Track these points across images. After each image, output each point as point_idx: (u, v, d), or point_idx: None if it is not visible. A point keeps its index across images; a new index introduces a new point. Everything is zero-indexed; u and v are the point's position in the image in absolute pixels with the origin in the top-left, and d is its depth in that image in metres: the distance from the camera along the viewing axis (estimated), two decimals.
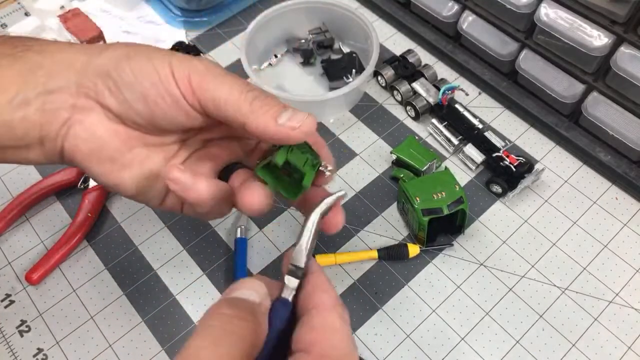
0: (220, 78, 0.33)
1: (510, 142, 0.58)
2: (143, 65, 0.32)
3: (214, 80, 0.33)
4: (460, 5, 0.60)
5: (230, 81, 0.33)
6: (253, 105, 0.32)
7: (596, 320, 0.48)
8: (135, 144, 0.35)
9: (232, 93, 0.32)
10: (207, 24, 0.69)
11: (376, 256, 0.50)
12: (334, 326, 0.27)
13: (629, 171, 0.53)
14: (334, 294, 0.29)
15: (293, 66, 0.65)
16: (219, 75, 0.33)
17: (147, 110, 0.33)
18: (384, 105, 0.62)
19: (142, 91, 0.32)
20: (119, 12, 0.71)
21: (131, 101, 0.33)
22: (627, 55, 0.48)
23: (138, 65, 0.32)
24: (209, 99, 0.33)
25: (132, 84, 0.32)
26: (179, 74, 0.32)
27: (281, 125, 0.32)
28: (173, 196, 0.38)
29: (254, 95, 0.33)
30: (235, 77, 0.34)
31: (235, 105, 0.32)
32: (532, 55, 0.55)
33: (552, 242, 0.52)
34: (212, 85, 0.32)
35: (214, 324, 0.26)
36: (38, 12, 0.67)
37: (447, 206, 0.48)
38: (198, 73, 0.32)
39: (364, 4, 0.70)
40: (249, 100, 0.32)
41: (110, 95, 0.33)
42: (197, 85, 0.32)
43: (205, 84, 0.32)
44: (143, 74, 0.32)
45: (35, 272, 0.50)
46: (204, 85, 0.32)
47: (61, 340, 0.48)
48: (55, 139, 0.33)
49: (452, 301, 0.49)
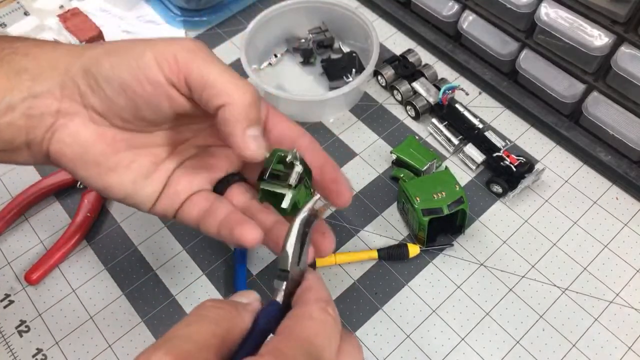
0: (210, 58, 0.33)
1: (510, 142, 0.58)
2: (121, 57, 0.32)
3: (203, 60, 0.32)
4: (461, 4, 0.59)
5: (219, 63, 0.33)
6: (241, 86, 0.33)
7: (596, 320, 0.48)
8: (121, 147, 0.35)
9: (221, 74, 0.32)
10: (207, 23, 0.69)
11: (376, 256, 0.50)
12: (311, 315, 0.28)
13: (630, 171, 0.53)
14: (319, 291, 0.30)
15: (293, 66, 0.65)
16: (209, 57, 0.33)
17: (129, 103, 0.33)
18: (384, 105, 0.61)
19: (120, 83, 0.32)
20: (118, 12, 0.71)
21: (112, 97, 0.33)
22: (628, 55, 0.47)
23: (116, 59, 0.32)
24: (196, 76, 0.32)
25: (110, 77, 0.32)
26: (163, 55, 0.32)
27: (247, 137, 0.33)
28: (165, 203, 0.37)
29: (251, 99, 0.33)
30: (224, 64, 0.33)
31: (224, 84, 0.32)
32: (533, 55, 0.55)
33: (552, 242, 0.52)
34: (201, 63, 0.32)
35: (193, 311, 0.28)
36: (37, 12, 0.67)
37: (447, 206, 0.48)
38: (186, 51, 0.32)
39: (364, 4, 0.70)
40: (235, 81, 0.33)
41: (92, 94, 0.33)
42: (184, 63, 0.32)
43: (193, 61, 0.32)
44: (121, 65, 0.32)
45: (34, 272, 0.50)
46: (190, 62, 0.32)
47: (60, 340, 0.48)
48: (41, 143, 0.34)
49: (453, 301, 0.49)
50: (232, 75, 0.33)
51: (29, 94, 0.32)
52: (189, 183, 0.38)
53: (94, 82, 0.32)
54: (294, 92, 0.62)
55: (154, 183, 0.37)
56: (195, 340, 0.26)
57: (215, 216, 0.36)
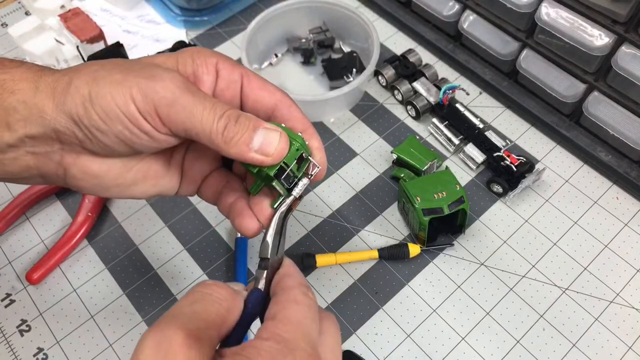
0: (188, 108, 0.32)
1: (511, 142, 0.58)
2: (108, 108, 0.31)
3: (182, 112, 0.32)
4: (461, 4, 0.60)
5: (200, 110, 0.32)
6: (225, 136, 0.32)
7: (597, 320, 0.48)
8: (132, 164, 0.36)
9: (203, 125, 0.32)
10: (208, 23, 0.69)
11: (377, 256, 0.50)
12: (295, 299, 0.31)
13: (630, 171, 0.53)
14: (298, 277, 0.33)
15: (293, 65, 0.65)
16: (187, 105, 0.32)
17: (127, 147, 0.33)
18: (385, 105, 0.61)
19: (116, 134, 0.32)
20: (119, 12, 0.71)
21: (110, 144, 0.33)
22: (628, 55, 0.47)
23: (103, 110, 0.31)
24: (180, 129, 0.32)
25: (104, 130, 0.32)
26: (144, 108, 0.31)
27: (255, 153, 0.32)
28: (186, 188, 0.39)
29: (224, 123, 0.32)
30: (204, 101, 0.32)
31: (207, 137, 0.32)
32: (533, 54, 0.55)
33: (552, 242, 0.52)
34: (180, 117, 0.32)
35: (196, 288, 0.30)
36: (38, 12, 0.67)
37: (447, 206, 0.48)
38: (164, 105, 0.31)
39: (365, 4, 0.70)
40: (220, 130, 0.32)
41: (90, 142, 0.33)
42: (166, 117, 0.32)
43: (174, 116, 0.32)
44: (111, 118, 0.32)
45: (35, 271, 0.50)
46: (172, 116, 0.32)
47: (61, 339, 0.48)
48: (56, 177, 0.34)
49: (453, 301, 0.49)
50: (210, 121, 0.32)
51: (25, 134, 0.32)
52: (200, 168, 0.39)
53: (89, 132, 0.32)
54: (295, 92, 0.62)
55: (172, 178, 0.38)
56: (203, 319, 0.28)
57: (225, 201, 0.37)
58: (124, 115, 0.31)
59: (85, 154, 0.34)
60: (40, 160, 0.33)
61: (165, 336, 0.26)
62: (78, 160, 0.34)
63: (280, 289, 0.32)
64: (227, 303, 0.30)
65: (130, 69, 0.32)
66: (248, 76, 0.37)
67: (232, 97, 0.36)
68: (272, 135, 0.33)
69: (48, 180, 0.35)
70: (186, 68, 0.35)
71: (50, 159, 0.33)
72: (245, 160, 0.33)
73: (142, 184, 0.37)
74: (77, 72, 0.33)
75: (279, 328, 0.28)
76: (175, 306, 0.29)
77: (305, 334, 0.29)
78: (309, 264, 0.50)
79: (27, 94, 0.32)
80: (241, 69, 0.37)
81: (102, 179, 0.35)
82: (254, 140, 0.32)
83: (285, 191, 0.35)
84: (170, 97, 0.31)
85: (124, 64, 0.33)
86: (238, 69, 0.36)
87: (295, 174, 0.35)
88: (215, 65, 0.36)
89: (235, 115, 0.33)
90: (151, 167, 0.37)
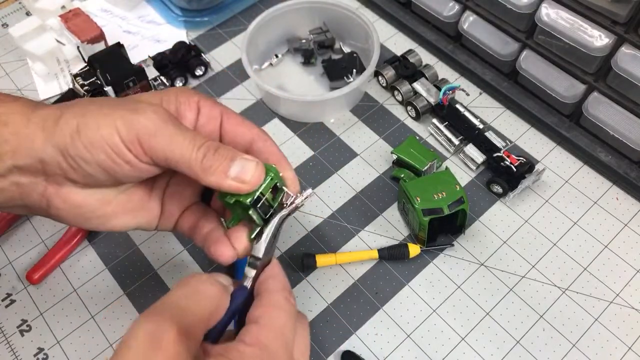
0: (169, 138, 0.33)
1: (510, 142, 0.58)
2: (93, 138, 0.33)
3: (163, 141, 0.33)
4: (461, 5, 0.60)
5: (180, 140, 0.33)
6: (204, 164, 0.33)
7: (597, 320, 0.48)
8: (112, 196, 0.37)
9: (182, 153, 0.33)
10: (208, 23, 0.69)
11: (377, 256, 0.50)
12: (278, 304, 0.33)
13: (630, 171, 0.53)
14: (283, 280, 0.35)
15: (294, 66, 0.65)
16: (168, 135, 0.33)
17: (110, 177, 0.35)
18: (385, 105, 0.62)
19: (99, 163, 0.34)
20: (119, 12, 0.71)
21: (93, 173, 0.34)
22: (628, 56, 0.48)
23: (89, 140, 0.33)
24: (161, 158, 0.34)
25: (88, 159, 0.33)
26: (128, 138, 0.33)
27: (232, 180, 0.34)
28: (165, 222, 0.40)
29: (204, 152, 0.34)
30: (184, 133, 0.34)
31: (187, 165, 0.34)
32: (533, 55, 0.55)
33: (552, 242, 0.52)
34: (161, 146, 0.33)
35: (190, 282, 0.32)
36: (39, 12, 0.67)
37: (447, 206, 0.48)
38: (146, 134, 0.33)
39: (365, 4, 0.70)
40: (199, 159, 0.33)
41: (73, 171, 0.34)
42: (147, 146, 0.33)
43: (155, 144, 0.33)
44: (95, 148, 0.33)
45: (36, 271, 0.50)
46: (153, 146, 0.33)
47: (62, 339, 0.48)
48: (40, 208, 0.36)
49: (453, 301, 0.49)
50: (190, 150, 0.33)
51: (13, 164, 0.34)
52: (179, 202, 0.40)
53: (74, 162, 0.34)
54: (295, 93, 0.62)
55: (152, 211, 0.40)
56: (195, 315, 0.30)
57: (201, 232, 0.39)
58: (108, 146, 0.33)
59: (68, 185, 0.35)
60: (25, 191, 0.35)
61: (159, 329, 0.27)
62: (60, 191, 0.35)
63: (265, 289, 0.34)
64: (217, 300, 0.32)
65: (118, 104, 0.34)
66: (227, 113, 0.39)
67: (212, 131, 0.38)
68: (249, 164, 0.34)
69: (32, 210, 0.36)
70: (169, 105, 0.37)
71: (34, 190, 0.35)
72: (222, 188, 0.34)
73: (123, 217, 0.38)
74: (69, 107, 0.35)
75: (262, 334, 0.31)
76: (169, 296, 0.30)
77: (285, 342, 0.32)
78: (309, 264, 0.50)
79: (19, 125, 0.34)
80: (221, 107, 0.39)
81: (83, 210, 0.36)
82: (232, 169, 0.34)
83: (261, 221, 0.36)
84: (152, 128, 0.33)
85: (113, 100, 0.35)
86: (218, 107, 0.39)
87: (271, 204, 0.36)
88: (197, 103, 0.38)
89: (215, 146, 0.34)
90: (131, 200, 0.38)
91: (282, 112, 0.61)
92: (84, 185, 0.35)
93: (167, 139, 0.33)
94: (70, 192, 0.35)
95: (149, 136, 0.33)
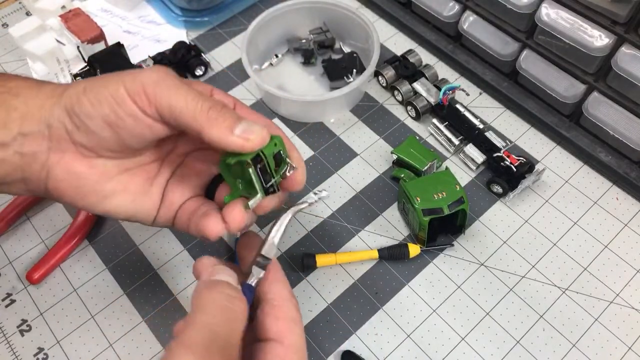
0: (174, 88, 0.33)
1: (511, 142, 0.58)
2: (99, 94, 0.33)
3: (168, 90, 0.33)
4: (461, 5, 0.60)
5: (185, 90, 0.34)
6: (209, 114, 0.33)
7: (597, 320, 0.48)
8: (114, 172, 0.37)
9: (187, 102, 0.33)
10: (208, 23, 0.69)
11: (377, 256, 0.50)
12: (294, 318, 0.33)
13: (630, 171, 0.53)
14: (288, 286, 0.35)
15: (294, 66, 0.65)
16: (173, 86, 0.33)
17: (114, 135, 0.34)
18: (385, 105, 0.62)
19: (102, 118, 0.34)
20: (119, 12, 0.71)
21: (97, 131, 0.34)
22: (628, 56, 0.48)
23: (94, 95, 0.33)
24: (165, 106, 0.33)
25: (92, 114, 0.33)
26: (134, 89, 0.33)
27: (237, 137, 0.33)
28: (164, 214, 0.39)
29: (209, 105, 0.33)
30: (190, 87, 0.34)
31: (192, 114, 0.33)
32: (533, 55, 0.55)
33: (552, 242, 0.52)
34: (166, 94, 0.33)
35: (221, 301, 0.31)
36: (39, 12, 0.67)
37: (447, 206, 0.48)
38: (152, 83, 0.33)
39: (365, 4, 0.70)
40: (205, 110, 0.33)
41: (78, 131, 0.34)
42: (152, 95, 0.33)
43: (160, 92, 0.33)
44: (100, 102, 0.33)
45: (36, 271, 0.50)
46: (158, 94, 0.33)
47: (62, 339, 0.48)
48: (38, 180, 0.35)
49: (453, 301, 0.49)
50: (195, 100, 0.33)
51: (19, 132, 0.34)
52: (181, 192, 0.40)
53: (78, 120, 0.34)
54: (295, 93, 0.62)
55: (152, 199, 0.39)
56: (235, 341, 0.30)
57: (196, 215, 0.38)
58: (113, 98, 0.33)
59: (71, 152, 0.35)
60: (26, 162, 0.34)
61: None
62: (62, 160, 0.35)
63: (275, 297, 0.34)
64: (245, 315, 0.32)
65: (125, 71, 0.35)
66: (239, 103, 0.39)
67: None
68: (254, 126, 0.34)
69: (29, 186, 0.36)
70: None
71: (36, 160, 0.35)
72: (225, 142, 0.33)
73: (121, 197, 0.37)
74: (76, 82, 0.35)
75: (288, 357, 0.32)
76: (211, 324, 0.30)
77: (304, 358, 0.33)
78: (309, 264, 0.50)
79: (29, 96, 0.34)
80: (233, 98, 0.39)
81: (83, 182, 0.36)
82: (237, 127, 0.33)
83: (261, 187, 0.35)
84: (157, 77, 0.33)
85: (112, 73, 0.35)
86: (231, 96, 0.39)
87: (272, 172, 0.35)
88: (211, 91, 0.39)
89: (221, 104, 0.34)
90: (133, 181, 0.38)
91: (282, 112, 0.61)
92: (89, 151, 0.35)
93: (171, 88, 0.33)
94: (72, 160, 0.35)
95: (154, 85, 0.33)
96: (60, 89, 0.35)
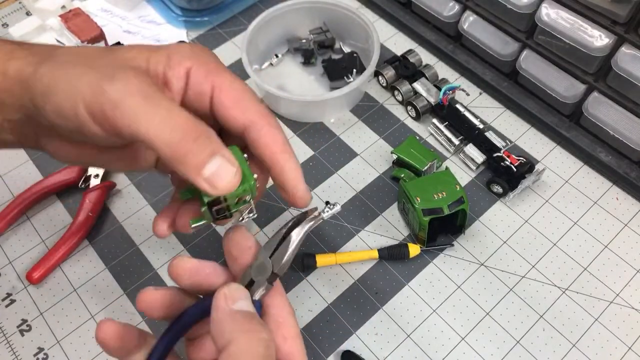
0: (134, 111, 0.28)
1: (511, 142, 0.58)
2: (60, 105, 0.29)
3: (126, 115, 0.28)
4: (461, 5, 0.60)
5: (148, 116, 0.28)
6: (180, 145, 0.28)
7: (597, 320, 0.48)
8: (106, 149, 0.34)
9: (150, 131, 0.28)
10: (208, 23, 0.69)
11: (377, 256, 0.50)
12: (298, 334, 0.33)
13: (630, 171, 0.53)
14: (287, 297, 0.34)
15: (294, 66, 0.65)
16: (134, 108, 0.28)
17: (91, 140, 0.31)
18: (385, 105, 0.62)
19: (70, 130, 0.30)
20: (119, 12, 0.71)
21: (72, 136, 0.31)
22: (628, 56, 0.48)
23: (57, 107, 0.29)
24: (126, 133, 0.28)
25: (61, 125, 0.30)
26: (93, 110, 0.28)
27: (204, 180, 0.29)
28: None
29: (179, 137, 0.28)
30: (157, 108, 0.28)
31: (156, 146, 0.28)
32: (533, 55, 0.55)
33: (552, 242, 0.52)
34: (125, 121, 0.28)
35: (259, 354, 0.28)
36: (39, 12, 0.67)
37: (447, 206, 0.48)
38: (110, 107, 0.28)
39: (365, 4, 0.70)
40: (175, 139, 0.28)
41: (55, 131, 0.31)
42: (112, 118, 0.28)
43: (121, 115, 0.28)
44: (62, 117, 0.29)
45: (36, 271, 0.50)
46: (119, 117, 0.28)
47: (62, 339, 0.48)
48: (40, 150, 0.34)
49: (453, 301, 0.49)
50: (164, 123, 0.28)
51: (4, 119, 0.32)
52: None
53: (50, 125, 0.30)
54: (295, 93, 0.62)
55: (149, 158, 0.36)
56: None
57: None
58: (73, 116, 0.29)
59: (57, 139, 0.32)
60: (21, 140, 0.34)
61: None
62: (50, 143, 0.33)
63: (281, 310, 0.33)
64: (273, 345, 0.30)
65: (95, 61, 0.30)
66: (221, 89, 0.32)
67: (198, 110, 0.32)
68: (227, 168, 0.29)
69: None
70: (157, 67, 0.31)
71: (28, 140, 0.33)
72: (191, 180, 0.29)
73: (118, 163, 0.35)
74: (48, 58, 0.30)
75: None
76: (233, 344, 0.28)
77: None
78: (309, 264, 0.50)
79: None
80: (214, 80, 0.32)
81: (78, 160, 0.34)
82: (207, 167, 0.28)
83: (211, 219, 0.33)
84: (116, 99, 0.28)
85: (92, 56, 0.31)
86: (210, 78, 0.32)
87: (230, 210, 0.32)
88: (188, 71, 0.32)
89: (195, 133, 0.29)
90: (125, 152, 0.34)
91: (282, 112, 0.61)
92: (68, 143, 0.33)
93: (130, 113, 0.28)
94: (60, 144, 0.33)
95: (112, 109, 0.28)
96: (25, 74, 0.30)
